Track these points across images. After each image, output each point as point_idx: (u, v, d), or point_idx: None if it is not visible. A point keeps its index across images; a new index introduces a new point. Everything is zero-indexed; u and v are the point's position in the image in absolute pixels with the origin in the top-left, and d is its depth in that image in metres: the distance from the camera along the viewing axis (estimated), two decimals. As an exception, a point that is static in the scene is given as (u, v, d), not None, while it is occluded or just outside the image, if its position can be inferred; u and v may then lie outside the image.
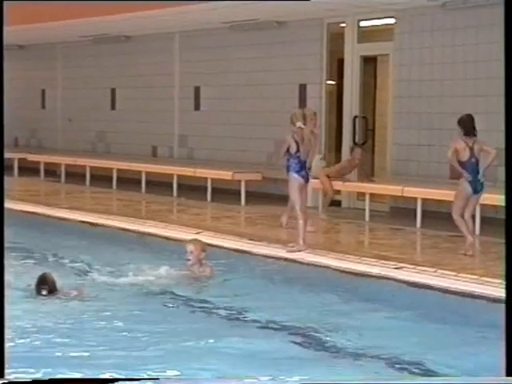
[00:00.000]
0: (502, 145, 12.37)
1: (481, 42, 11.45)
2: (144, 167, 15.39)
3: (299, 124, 9.25)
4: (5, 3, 3.66)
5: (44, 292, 6.76)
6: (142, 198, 14.58)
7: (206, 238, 9.69)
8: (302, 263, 8.44)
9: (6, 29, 3.75)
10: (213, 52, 15.56)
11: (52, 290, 6.82)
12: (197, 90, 16.01)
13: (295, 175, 9.10)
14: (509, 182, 3.52)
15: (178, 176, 14.79)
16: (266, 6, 12.55)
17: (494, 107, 11.32)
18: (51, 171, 17.72)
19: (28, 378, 3.52)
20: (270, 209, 12.41)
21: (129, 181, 15.66)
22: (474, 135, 9.16)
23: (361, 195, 12.61)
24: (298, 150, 9.12)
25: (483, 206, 10.39)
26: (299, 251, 8.77)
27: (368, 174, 12.61)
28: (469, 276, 7.44)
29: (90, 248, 9.58)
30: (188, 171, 14.57)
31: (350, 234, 11.40)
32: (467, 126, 9.16)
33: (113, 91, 17.90)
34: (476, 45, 11.51)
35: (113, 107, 17.98)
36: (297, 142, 9.16)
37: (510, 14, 3.52)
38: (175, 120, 16.60)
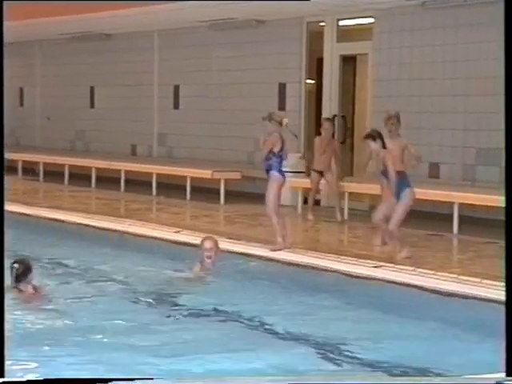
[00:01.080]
0: (481, 144, 12.52)
1: (460, 42, 11.51)
2: (123, 166, 15.34)
3: (286, 121, 9.21)
4: (5, 3, 3.65)
5: (15, 266, 6.53)
6: (121, 196, 14.54)
7: (185, 237, 9.70)
8: (281, 262, 8.44)
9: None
10: (192, 50, 15.53)
11: (24, 273, 6.66)
12: (176, 88, 15.98)
13: (277, 174, 9.07)
14: (509, 182, 3.53)
15: (158, 175, 14.76)
16: (246, 4, 12.55)
17: (472, 107, 11.39)
18: (29, 170, 17.62)
19: (23, 378, 3.51)
20: (249, 208, 12.41)
21: (108, 179, 15.60)
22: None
23: (340, 194, 12.61)
24: (281, 149, 9.10)
25: (462, 205, 10.45)
26: (280, 250, 8.74)
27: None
28: (447, 275, 7.47)
29: (70, 248, 9.53)
30: (167, 170, 14.54)
31: (328, 233, 11.42)
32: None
33: (92, 89, 17.82)
34: (455, 44, 11.57)
35: (92, 105, 17.91)
36: (282, 141, 9.14)
37: (510, 13, 3.53)
38: (154, 118, 16.56)
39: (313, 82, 14.11)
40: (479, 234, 10.16)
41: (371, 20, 12.70)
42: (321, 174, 11.77)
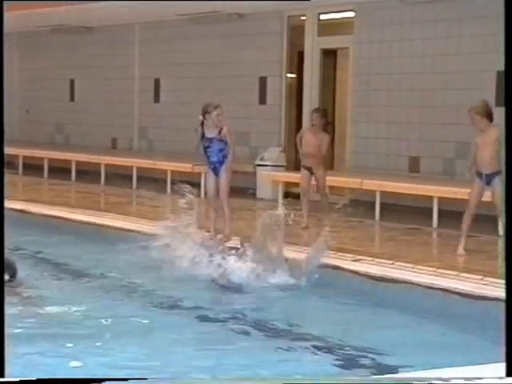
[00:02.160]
0: (460, 138, 12.56)
1: (439, 36, 11.54)
2: (103, 159, 15.28)
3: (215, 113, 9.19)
4: (5, 3, 3.63)
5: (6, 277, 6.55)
6: (101, 190, 14.48)
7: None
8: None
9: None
10: (173, 44, 15.49)
11: (13, 275, 6.67)
12: (157, 81, 15.93)
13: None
14: (509, 182, 3.53)
15: (138, 168, 14.71)
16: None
17: (451, 100, 11.44)
18: (8, 163, 17.50)
19: (16, 377, 3.48)
20: (229, 201, 12.36)
21: (88, 173, 15.53)
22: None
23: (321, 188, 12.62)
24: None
25: (441, 198, 10.49)
26: (226, 241, 8.81)
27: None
28: (426, 268, 7.50)
29: (50, 241, 9.49)
30: (147, 163, 14.50)
31: (308, 226, 11.40)
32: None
33: (72, 82, 17.73)
34: (434, 39, 11.60)
35: (72, 99, 17.82)
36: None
37: (510, 12, 3.52)
38: (135, 112, 16.50)
39: (294, 75, 14.11)
40: (458, 227, 10.19)
41: (352, 14, 12.71)
42: (310, 170, 10.75)
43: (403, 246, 9.11)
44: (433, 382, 3.55)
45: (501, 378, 3.59)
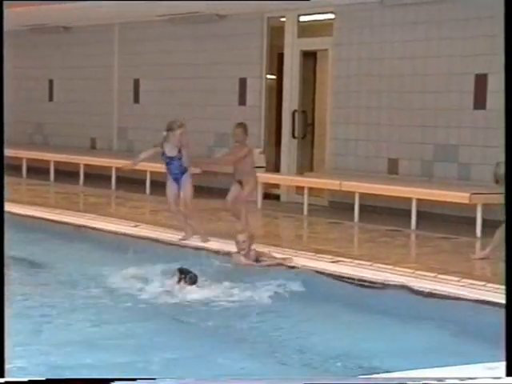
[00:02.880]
0: (438, 141, 12.63)
1: (419, 39, 11.60)
2: (82, 159, 15.22)
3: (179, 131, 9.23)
4: (5, 3, 3.62)
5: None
6: (80, 190, 14.42)
7: (144, 231, 9.67)
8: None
9: None
10: (153, 44, 15.45)
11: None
12: (136, 82, 15.90)
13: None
14: (509, 183, 3.53)
15: (117, 169, 14.66)
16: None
17: (430, 103, 11.49)
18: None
19: (24, 377, 3.48)
20: (209, 202, 12.38)
21: (67, 173, 15.47)
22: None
23: (299, 189, 12.66)
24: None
25: (420, 200, 10.55)
26: (185, 240, 9.03)
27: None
28: (404, 270, 7.53)
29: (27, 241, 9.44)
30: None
31: (288, 228, 11.45)
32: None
33: (50, 82, 17.65)
34: (414, 41, 11.66)
35: (50, 98, 17.73)
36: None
37: (510, 13, 3.53)
38: (114, 112, 16.45)
39: (273, 77, 14.12)
40: (436, 229, 10.28)
41: (332, 16, 12.75)
42: (242, 184, 9.91)
43: (382, 247, 9.15)
44: (427, 382, 3.56)
45: (496, 378, 3.59)
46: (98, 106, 16.58)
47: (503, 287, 6.74)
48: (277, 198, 13.30)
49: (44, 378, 3.45)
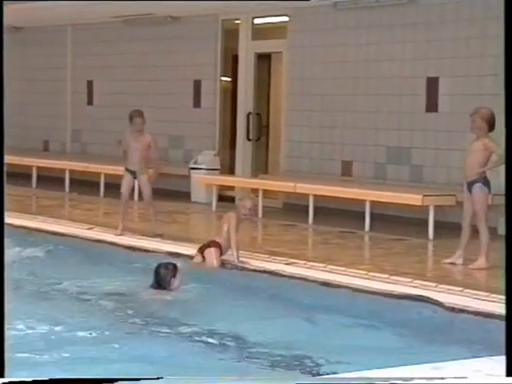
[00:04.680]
0: (391, 143, 12.71)
1: (371, 42, 11.70)
2: (35, 162, 15.06)
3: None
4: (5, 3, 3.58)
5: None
6: (32, 193, 14.27)
7: (97, 234, 9.60)
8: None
9: None
10: (107, 46, 15.36)
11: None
12: (90, 84, 15.78)
13: None
14: (509, 183, 3.57)
15: (71, 171, 14.55)
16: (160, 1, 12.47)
17: (383, 106, 11.60)
18: None
19: (28, 377, 3.42)
20: (164, 205, 12.34)
21: (19, 175, 15.29)
22: None
23: (254, 191, 12.67)
24: None
25: (373, 202, 10.64)
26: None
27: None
28: (357, 271, 7.59)
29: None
30: (81, 166, 14.35)
31: (242, 230, 11.42)
32: None
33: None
34: (367, 45, 11.75)
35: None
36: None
37: (510, 13, 3.56)
38: (68, 114, 16.31)
39: (228, 79, 14.13)
40: (389, 231, 10.37)
41: (286, 19, 12.79)
42: (134, 174, 9.85)
43: (336, 249, 9.20)
44: (393, 381, 3.58)
45: (501, 377, 3.62)
46: (51, 107, 16.42)
47: (455, 288, 6.87)
48: (232, 200, 13.30)
49: (47, 378, 3.43)
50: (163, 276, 6.91)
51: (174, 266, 7.02)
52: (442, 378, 3.67)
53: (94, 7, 13.45)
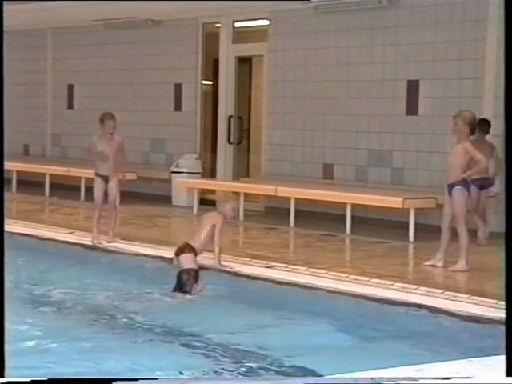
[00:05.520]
0: (372, 146, 12.74)
1: (352, 45, 11.72)
2: (14, 166, 14.97)
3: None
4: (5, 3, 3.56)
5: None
6: (12, 197, 14.17)
7: (78, 238, 9.55)
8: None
9: None
10: (87, 50, 15.31)
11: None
12: (70, 87, 15.72)
13: None
14: (509, 183, 3.56)
15: (51, 175, 14.48)
16: (141, 4, 12.44)
17: (364, 109, 11.62)
18: None
19: (27, 377, 3.41)
20: (144, 209, 12.33)
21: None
22: None
23: (236, 195, 12.65)
24: None
25: (354, 205, 10.65)
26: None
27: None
28: (338, 274, 7.59)
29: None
30: (61, 170, 14.29)
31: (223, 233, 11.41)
32: None
33: (-18, 87, 17.33)
34: (348, 48, 11.78)
35: (-18, 104, 17.41)
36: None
37: (510, 14, 3.56)
38: (48, 118, 16.24)
39: (209, 82, 14.12)
40: (370, 234, 10.39)
41: (266, 22, 12.80)
42: (106, 178, 9.54)
43: (317, 252, 9.20)
44: (399, 381, 3.58)
45: (501, 377, 3.63)
46: (31, 111, 16.35)
47: (436, 290, 6.89)
48: (213, 203, 13.26)
49: (46, 378, 3.42)
50: (185, 281, 7.00)
51: (196, 272, 7.08)
52: (448, 378, 3.68)
53: (75, 10, 13.40)
